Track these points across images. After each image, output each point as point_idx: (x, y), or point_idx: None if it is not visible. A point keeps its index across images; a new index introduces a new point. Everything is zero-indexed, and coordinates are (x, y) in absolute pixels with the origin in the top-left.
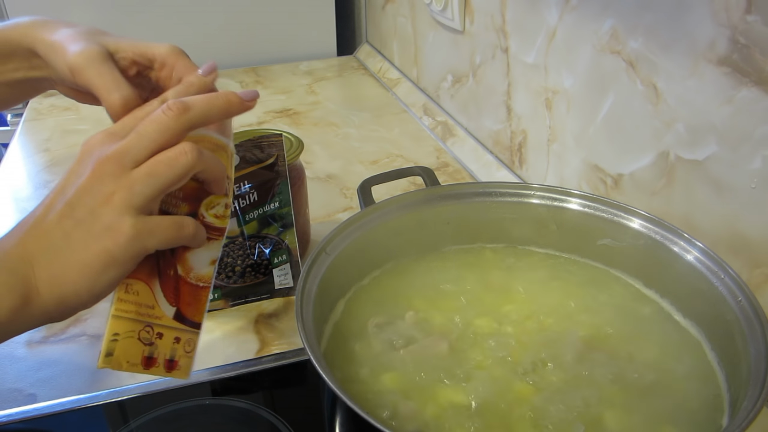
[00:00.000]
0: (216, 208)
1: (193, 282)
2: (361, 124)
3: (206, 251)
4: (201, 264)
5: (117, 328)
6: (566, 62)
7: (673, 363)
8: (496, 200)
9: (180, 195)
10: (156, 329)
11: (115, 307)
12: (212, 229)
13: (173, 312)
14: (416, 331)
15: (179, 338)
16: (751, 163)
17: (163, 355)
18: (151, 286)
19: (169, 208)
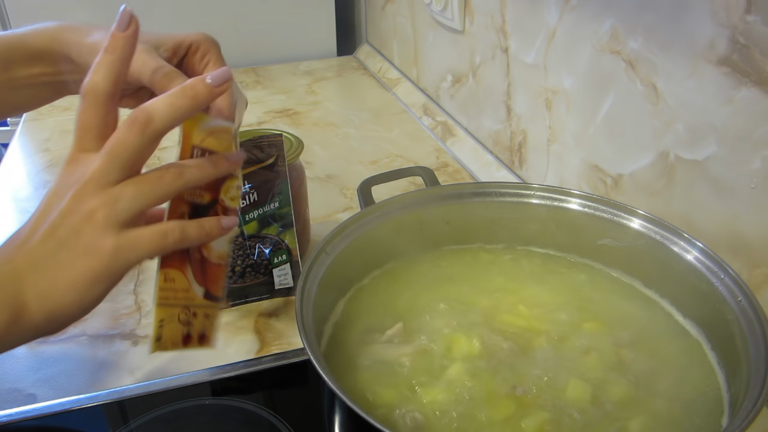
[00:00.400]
0: (231, 191)
1: (215, 261)
2: (361, 124)
3: None
4: (220, 244)
5: (161, 314)
6: (566, 62)
7: (673, 363)
8: (496, 200)
9: (203, 186)
10: (192, 309)
11: (158, 296)
12: (230, 211)
13: (203, 291)
14: (415, 331)
15: (208, 314)
16: (751, 163)
17: (197, 332)
18: (184, 272)
19: (194, 198)
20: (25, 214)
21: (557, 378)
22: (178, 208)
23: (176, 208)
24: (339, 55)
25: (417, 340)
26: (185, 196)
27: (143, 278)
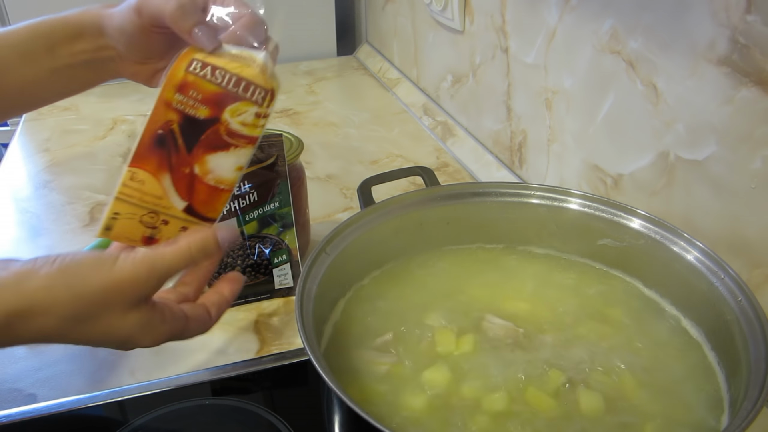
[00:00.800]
0: (244, 116)
1: (212, 183)
2: (361, 124)
3: (230, 157)
4: (223, 168)
5: (118, 208)
6: (566, 62)
7: (673, 363)
8: (496, 200)
9: (198, 97)
10: (161, 216)
11: (119, 190)
12: (238, 136)
13: (184, 205)
14: (415, 332)
15: (186, 228)
16: (751, 163)
17: (165, 239)
18: (159, 178)
19: (186, 108)
20: (25, 213)
21: (557, 377)
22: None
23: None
24: (339, 55)
25: (415, 340)
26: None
27: None
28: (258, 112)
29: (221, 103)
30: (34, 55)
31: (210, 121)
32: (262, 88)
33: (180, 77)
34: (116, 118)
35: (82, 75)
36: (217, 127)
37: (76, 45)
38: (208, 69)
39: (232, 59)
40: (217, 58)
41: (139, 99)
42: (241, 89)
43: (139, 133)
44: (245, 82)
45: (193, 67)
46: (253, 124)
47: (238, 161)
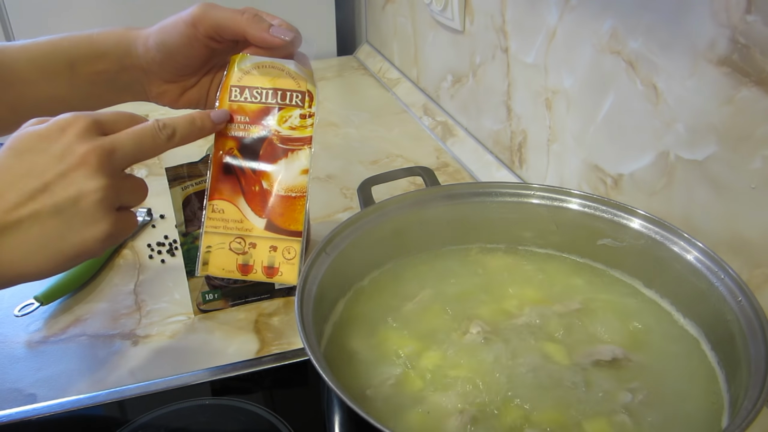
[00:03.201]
0: (290, 121)
1: (283, 194)
2: (361, 124)
3: (291, 163)
4: (289, 176)
5: (209, 241)
6: (566, 62)
7: (672, 363)
8: (496, 200)
9: (246, 119)
10: (248, 240)
11: (206, 224)
12: (291, 140)
13: (264, 223)
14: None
15: (276, 247)
16: (751, 163)
17: (259, 263)
18: (236, 203)
19: (239, 133)
20: None
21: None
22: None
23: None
24: (339, 55)
25: (415, 340)
26: (228, 132)
27: (143, 278)
28: (302, 114)
29: (266, 116)
30: (54, 70)
31: (263, 136)
32: (297, 91)
33: (227, 108)
34: None
35: (101, 93)
36: (270, 138)
37: (98, 64)
38: (246, 91)
39: (264, 74)
40: (252, 79)
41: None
42: (279, 98)
43: (209, 169)
44: (281, 92)
45: (234, 95)
46: (302, 125)
47: (301, 164)
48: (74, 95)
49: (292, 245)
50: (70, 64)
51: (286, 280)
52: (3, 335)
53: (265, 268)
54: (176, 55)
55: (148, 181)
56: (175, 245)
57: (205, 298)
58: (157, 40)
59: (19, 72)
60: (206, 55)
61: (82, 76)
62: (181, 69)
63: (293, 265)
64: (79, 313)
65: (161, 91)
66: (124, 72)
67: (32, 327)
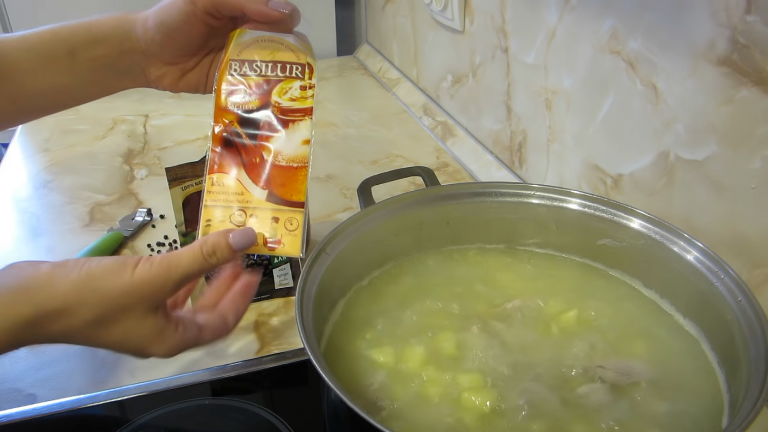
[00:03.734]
0: (290, 92)
1: (285, 164)
2: (361, 124)
3: (293, 133)
4: (290, 146)
5: (208, 215)
6: (566, 62)
7: (672, 363)
8: (496, 200)
9: (249, 92)
10: (248, 212)
11: (205, 198)
12: (292, 111)
13: (265, 194)
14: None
15: (277, 218)
16: (751, 163)
17: (261, 235)
18: (236, 176)
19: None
20: (25, 213)
21: (556, 377)
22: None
23: (221, 119)
24: (339, 55)
25: (415, 340)
26: (228, 106)
27: None
28: (302, 85)
29: (267, 88)
30: (54, 59)
31: (263, 108)
32: (297, 63)
33: (227, 82)
34: (116, 118)
35: (102, 80)
36: (271, 110)
37: (97, 50)
38: (246, 65)
39: (263, 48)
40: (251, 52)
41: (138, 99)
42: (279, 71)
43: (209, 142)
44: (281, 64)
45: (233, 69)
46: (302, 96)
47: (302, 135)
48: (75, 83)
49: (295, 216)
50: (70, 52)
51: (288, 252)
52: None
53: (267, 240)
54: (175, 33)
55: (148, 181)
56: (175, 245)
57: None
58: (156, 20)
59: (19, 63)
60: (205, 33)
61: (82, 63)
62: (181, 49)
63: (296, 236)
64: None
65: (161, 74)
66: (124, 56)
67: None
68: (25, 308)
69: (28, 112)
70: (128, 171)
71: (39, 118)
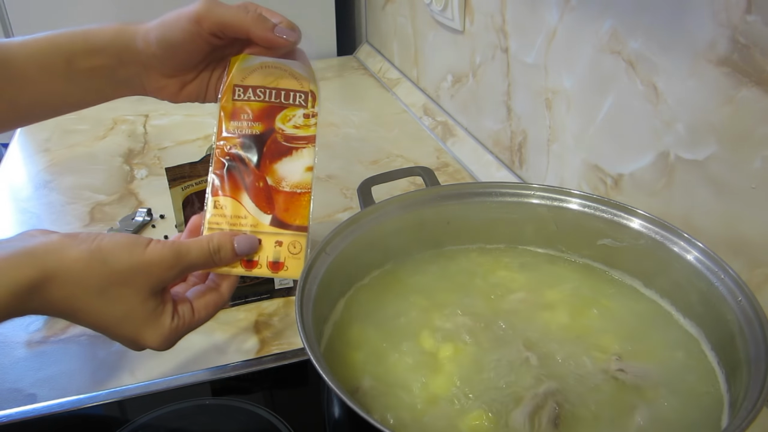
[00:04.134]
0: (293, 119)
1: (288, 190)
2: (361, 124)
3: (296, 160)
4: (293, 173)
5: None
6: (566, 62)
7: (672, 363)
8: (496, 200)
9: (250, 117)
10: None
11: (207, 220)
12: (295, 139)
13: (269, 219)
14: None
15: (281, 242)
16: (751, 163)
17: (264, 258)
18: (239, 199)
19: (243, 131)
20: (25, 213)
21: (555, 378)
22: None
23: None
24: (339, 55)
25: (415, 340)
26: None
27: None
28: (306, 113)
29: (270, 115)
30: (52, 66)
31: (266, 134)
32: (300, 91)
33: (230, 107)
34: (116, 118)
35: (100, 89)
36: (274, 136)
37: (95, 59)
38: (249, 91)
39: (267, 75)
40: (254, 78)
41: (139, 99)
42: (282, 98)
43: (211, 166)
44: (284, 91)
45: (237, 95)
46: (306, 125)
47: (305, 162)
48: (73, 91)
49: (298, 240)
50: (67, 60)
51: (291, 275)
52: (3, 335)
53: (270, 263)
54: (178, 50)
55: (148, 181)
56: None
57: None
58: (158, 35)
59: (18, 68)
60: (207, 50)
61: (79, 72)
62: (182, 64)
63: (299, 259)
64: None
65: (160, 86)
66: (123, 67)
67: (32, 327)
68: (31, 270)
69: (26, 117)
70: (128, 171)
71: (36, 122)
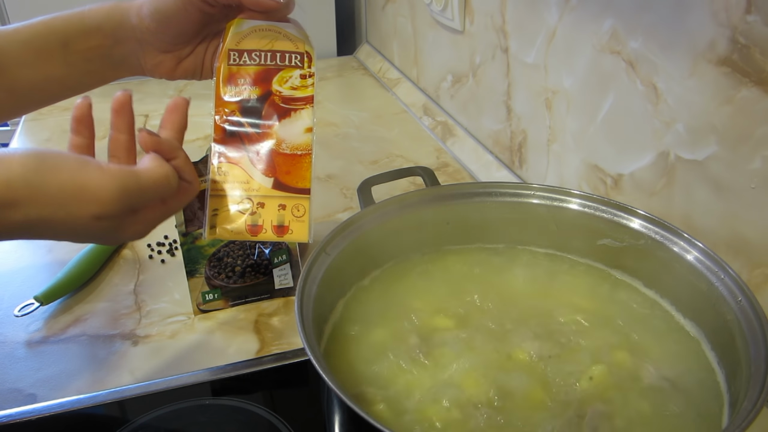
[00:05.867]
0: (290, 81)
1: (289, 152)
2: (361, 124)
3: (295, 121)
4: (293, 134)
5: (214, 204)
6: (566, 62)
7: (672, 363)
8: (496, 200)
9: (247, 81)
10: (255, 200)
11: (211, 187)
12: (293, 100)
13: (271, 182)
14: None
15: (284, 205)
16: (751, 163)
17: (269, 222)
18: (240, 165)
19: (240, 95)
20: None
21: (555, 378)
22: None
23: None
24: (339, 55)
25: (415, 340)
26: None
27: (143, 278)
28: (302, 74)
29: (267, 78)
30: (48, 50)
31: (264, 97)
32: (296, 52)
33: (226, 72)
34: None
35: (97, 70)
36: (272, 98)
37: (91, 40)
38: (245, 55)
39: (262, 38)
40: (249, 42)
41: (139, 99)
42: (278, 60)
43: (211, 132)
44: (279, 53)
45: (233, 59)
46: (303, 85)
47: (304, 123)
48: (70, 74)
49: (301, 202)
50: (64, 43)
51: (297, 238)
52: (3, 335)
53: (275, 227)
54: (171, 21)
55: None
56: (175, 245)
57: (205, 298)
58: (151, 9)
59: (14, 55)
60: (201, 20)
61: (76, 54)
62: (176, 37)
63: (303, 222)
64: (79, 313)
65: (157, 62)
66: (119, 45)
67: (32, 327)
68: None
69: (25, 104)
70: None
71: (36, 110)
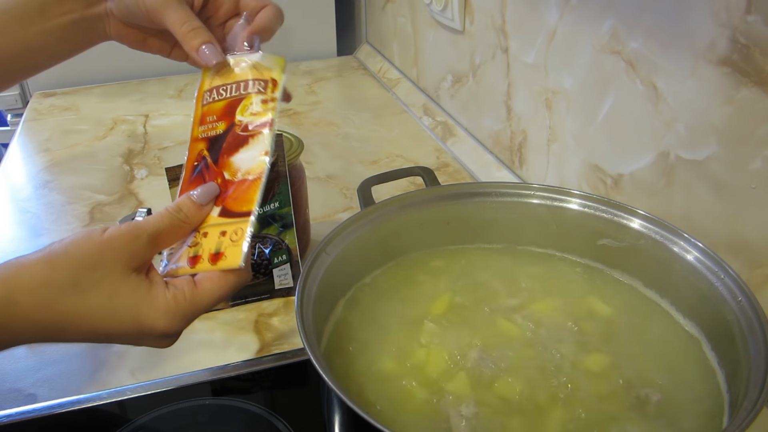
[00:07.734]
0: (251, 107)
1: (241, 178)
2: (361, 124)
3: (251, 147)
4: (248, 161)
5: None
6: (566, 62)
7: (672, 363)
8: (496, 200)
9: (214, 118)
10: (202, 230)
11: None
12: (252, 126)
13: (218, 211)
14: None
15: (225, 231)
16: (751, 163)
17: (207, 251)
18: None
19: (208, 133)
20: (25, 213)
21: (554, 377)
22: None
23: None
24: (339, 55)
25: (415, 340)
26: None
27: None
28: (264, 99)
29: (231, 111)
30: (27, 17)
31: (228, 130)
32: (260, 79)
33: (199, 114)
34: (116, 118)
35: (72, 36)
36: (234, 129)
37: (65, 4)
38: (213, 92)
39: (229, 72)
40: (217, 79)
41: (139, 99)
42: (242, 89)
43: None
44: (243, 83)
45: (205, 100)
46: (263, 110)
47: (261, 148)
48: (48, 42)
49: (240, 226)
50: (41, 8)
51: (229, 264)
52: None
53: (212, 255)
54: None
55: (148, 181)
56: None
57: None
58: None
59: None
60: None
61: (53, 19)
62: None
63: (237, 245)
64: None
65: (122, 33)
66: (91, 7)
67: None
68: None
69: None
70: (128, 171)
71: (18, 81)
